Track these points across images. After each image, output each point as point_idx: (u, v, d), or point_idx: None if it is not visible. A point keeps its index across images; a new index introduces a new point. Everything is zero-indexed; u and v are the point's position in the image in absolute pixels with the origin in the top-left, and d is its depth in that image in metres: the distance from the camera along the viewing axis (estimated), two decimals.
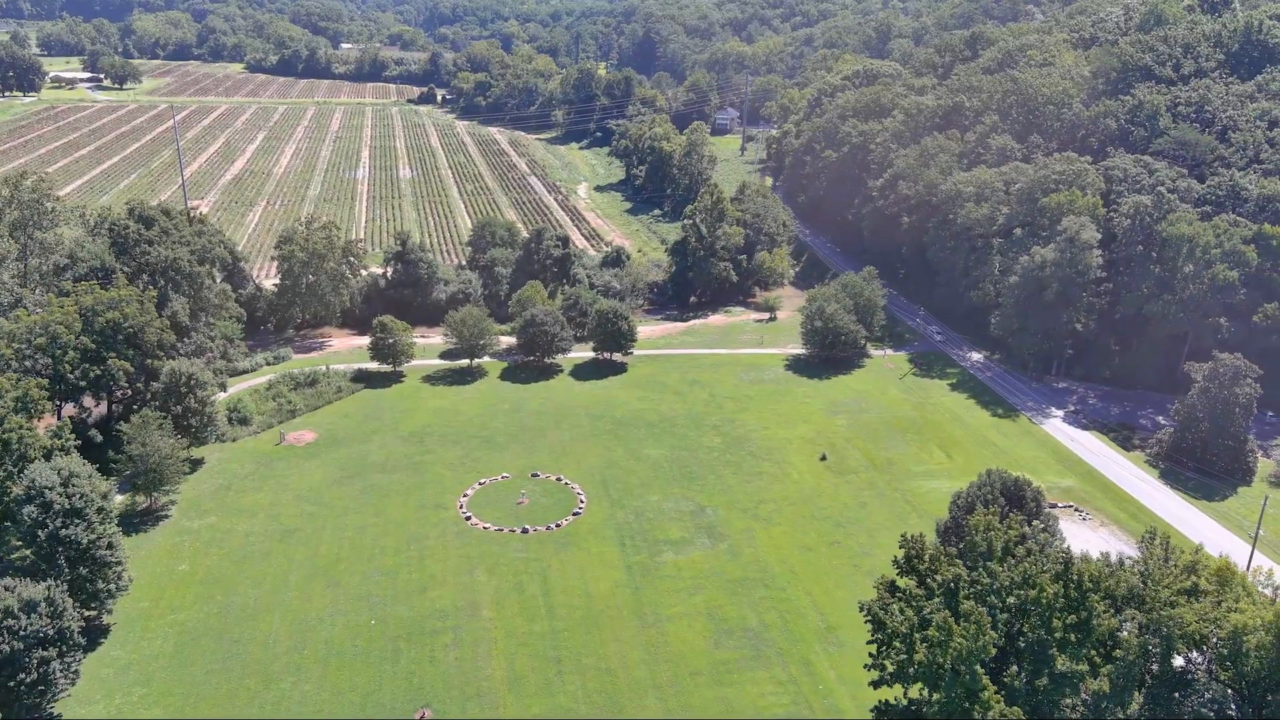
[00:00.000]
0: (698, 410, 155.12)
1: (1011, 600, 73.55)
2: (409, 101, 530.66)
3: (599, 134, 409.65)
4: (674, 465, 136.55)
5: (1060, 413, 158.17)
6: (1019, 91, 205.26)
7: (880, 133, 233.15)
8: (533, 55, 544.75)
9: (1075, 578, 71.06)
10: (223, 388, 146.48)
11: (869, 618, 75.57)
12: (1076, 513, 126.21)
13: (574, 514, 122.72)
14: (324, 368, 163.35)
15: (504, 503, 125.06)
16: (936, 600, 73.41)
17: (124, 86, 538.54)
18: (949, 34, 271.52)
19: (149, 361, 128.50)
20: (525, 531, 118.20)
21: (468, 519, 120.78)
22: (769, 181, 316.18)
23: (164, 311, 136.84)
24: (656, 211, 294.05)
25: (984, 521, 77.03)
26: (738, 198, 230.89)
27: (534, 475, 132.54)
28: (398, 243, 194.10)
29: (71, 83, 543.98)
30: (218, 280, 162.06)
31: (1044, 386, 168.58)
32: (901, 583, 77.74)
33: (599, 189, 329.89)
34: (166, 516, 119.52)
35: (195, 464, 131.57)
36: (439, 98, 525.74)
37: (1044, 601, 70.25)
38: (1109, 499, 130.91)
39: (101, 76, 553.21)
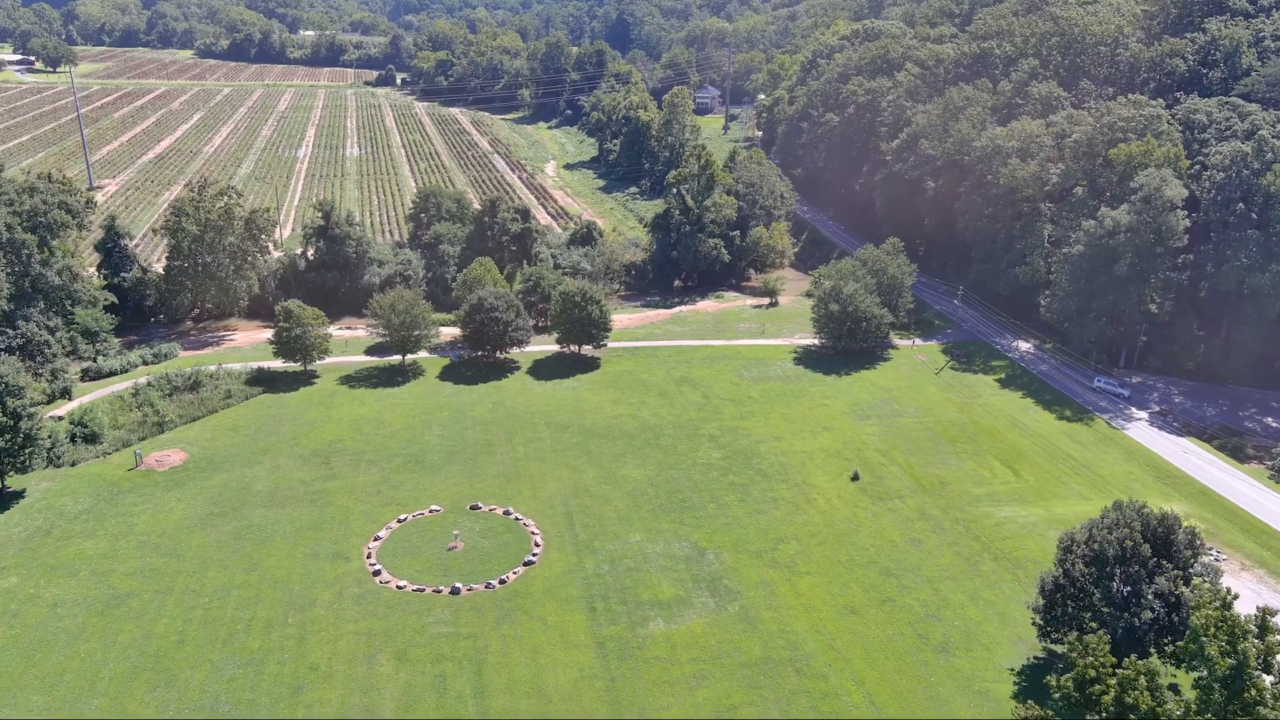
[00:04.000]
0: (689, 416, 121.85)
1: None
2: (366, 84, 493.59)
3: (569, 112, 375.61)
4: (661, 491, 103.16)
5: (1143, 414, 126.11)
6: (1061, 32, 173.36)
7: (891, 89, 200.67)
8: (498, 31, 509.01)
9: None
10: (66, 394, 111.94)
11: None
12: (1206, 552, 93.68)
13: (526, 563, 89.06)
14: (214, 367, 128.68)
15: (430, 548, 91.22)
16: None
17: (57, 69, 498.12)
18: None
19: None
20: (456, 592, 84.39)
21: (376, 574, 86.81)
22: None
23: None
24: (633, 189, 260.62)
25: (1216, 619, 43.92)
26: (729, 165, 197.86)
27: (474, 508, 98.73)
28: (320, 215, 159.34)
29: None
30: (74, 256, 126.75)
31: (1114, 381, 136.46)
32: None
33: (568, 167, 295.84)
34: None
35: (7, 499, 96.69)
36: (398, 80, 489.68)
37: None
38: (1239, 530, 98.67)
39: (33, 59, 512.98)
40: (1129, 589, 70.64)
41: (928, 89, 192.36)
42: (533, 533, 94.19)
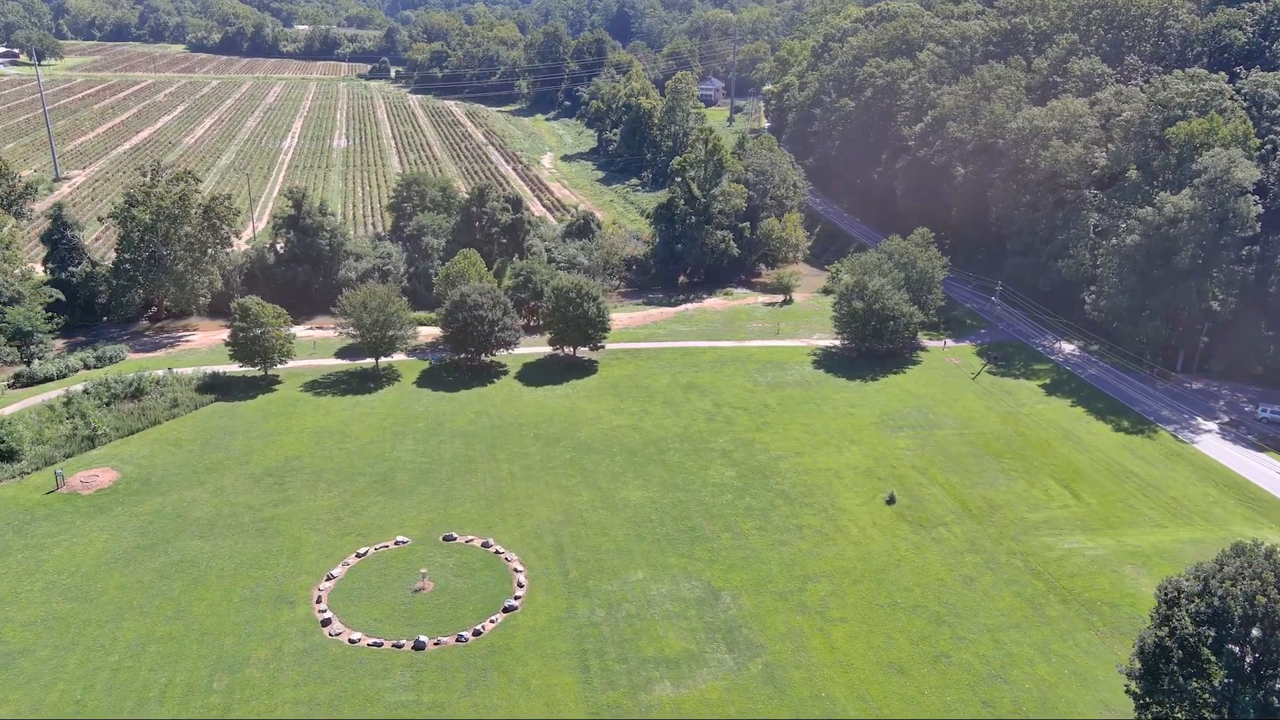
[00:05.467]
0: (698, 428, 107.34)
1: None
2: (359, 77, 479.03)
3: (568, 104, 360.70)
4: (667, 517, 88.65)
5: (1212, 425, 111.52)
6: (1102, 4, 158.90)
7: (913, 70, 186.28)
8: (495, 23, 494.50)
9: None
10: None
11: None
12: None
13: (506, 609, 74.53)
14: (162, 372, 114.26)
15: (392, 589, 76.69)
16: None
17: (42, 63, 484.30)
18: None
19: None
20: (420, 646, 69.81)
21: (326, 623, 72.25)
22: None
23: None
24: (634, 181, 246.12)
25: None
26: (738, 152, 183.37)
27: (447, 538, 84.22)
28: (291, 204, 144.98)
29: None
30: (7, 248, 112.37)
31: (1173, 386, 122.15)
32: None
33: (566, 158, 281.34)
34: None
35: None
36: (392, 72, 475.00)
37: None
38: None
39: (17, 52, 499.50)
40: (1259, 657, 56.11)
41: (953, 69, 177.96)
42: (516, 570, 79.68)
